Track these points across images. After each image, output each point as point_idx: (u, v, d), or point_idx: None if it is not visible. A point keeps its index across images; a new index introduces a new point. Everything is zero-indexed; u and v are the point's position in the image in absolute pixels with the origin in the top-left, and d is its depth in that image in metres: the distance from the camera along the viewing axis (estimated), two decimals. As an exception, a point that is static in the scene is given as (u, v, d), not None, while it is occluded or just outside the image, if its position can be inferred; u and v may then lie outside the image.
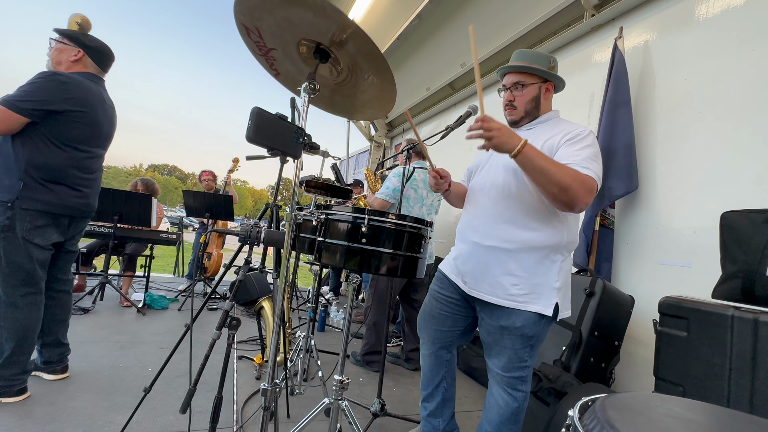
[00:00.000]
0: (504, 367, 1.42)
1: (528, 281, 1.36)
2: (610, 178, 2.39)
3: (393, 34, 4.75)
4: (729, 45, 2.10)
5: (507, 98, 1.50)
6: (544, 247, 1.36)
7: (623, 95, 2.44)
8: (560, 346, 2.02)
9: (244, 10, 1.11)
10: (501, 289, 1.39)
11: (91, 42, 2.02)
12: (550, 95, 1.51)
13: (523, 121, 1.51)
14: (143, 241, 3.95)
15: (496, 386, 1.46)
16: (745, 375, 1.31)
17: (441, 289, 1.63)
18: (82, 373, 2.21)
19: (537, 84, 1.46)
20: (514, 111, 1.49)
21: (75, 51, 1.98)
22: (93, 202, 2.14)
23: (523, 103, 1.47)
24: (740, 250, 1.48)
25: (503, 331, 1.39)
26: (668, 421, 0.71)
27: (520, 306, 1.36)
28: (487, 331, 1.46)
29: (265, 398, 1.17)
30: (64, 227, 2.02)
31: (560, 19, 3.26)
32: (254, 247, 1.54)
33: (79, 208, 2.03)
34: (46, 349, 2.10)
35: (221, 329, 1.45)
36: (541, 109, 1.49)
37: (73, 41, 1.98)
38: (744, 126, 1.97)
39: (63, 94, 1.84)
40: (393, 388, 2.65)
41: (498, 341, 1.42)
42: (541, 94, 1.48)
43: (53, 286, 2.10)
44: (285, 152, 1.18)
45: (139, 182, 4.33)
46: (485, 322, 1.46)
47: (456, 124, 1.74)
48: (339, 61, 1.25)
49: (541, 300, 1.35)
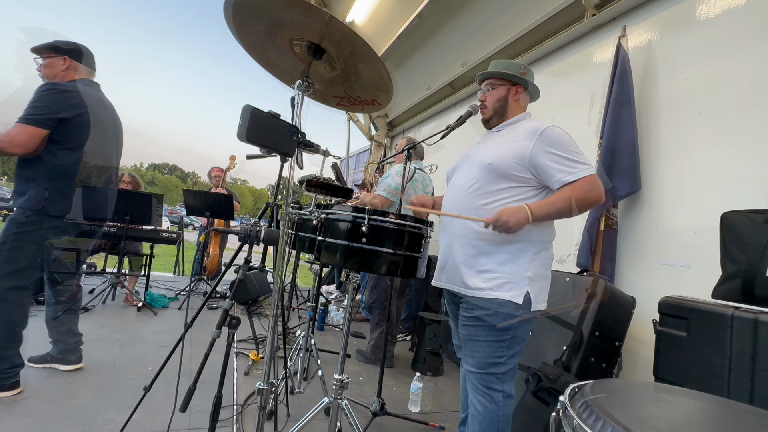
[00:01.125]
0: (479, 363, 1.42)
1: (498, 271, 1.39)
2: (614, 178, 2.38)
3: (393, 34, 4.75)
4: (730, 45, 2.09)
5: (480, 98, 1.64)
6: (513, 239, 1.39)
7: (627, 94, 2.43)
8: (561, 346, 2.02)
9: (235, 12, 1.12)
10: (474, 281, 1.42)
11: (67, 45, 2.09)
12: (519, 98, 1.60)
13: (492, 120, 1.61)
14: (143, 240, 3.96)
15: (473, 392, 1.45)
16: (745, 375, 1.31)
17: (448, 306, 1.66)
18: (83, 371, 2.22)
19: (506, 86, 1.59)
20: (484, 109, 1.62)
21: (61, 60, 2.06)
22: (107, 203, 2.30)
23: (491, 102, 1.59)
24: (740, 250, 1.48)
25: (477, 321, 1.41)
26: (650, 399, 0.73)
27: (491, 294, 1.38)
28: (464, 325, 1.47)
29: (261, 397, 1.17)
30: (80, 227, 2.17)
31: (561, 19, 3.25)
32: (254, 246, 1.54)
33: (99, 209, 2.21)
34: (62, 339, 2.18)
35: (221, 328, 1.45)
36: (510, 111, 1.59)
37: (53, 50, 2.05)
38: (744, 126, 1.97)
39: (68, 101, 1.95)
40: (393, 388, 2.65)
41: (473, 335, 1.43)
42: (509, 96, 1.59)
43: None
44: (278, 150, 1.17)
45: (125, 175, 4.24)
46: (462, 317, 1.47)
47: (456, 124, 1.74)
48: (333, 57, 1.25)
49: (512, 288, 1.38)
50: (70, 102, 1.95)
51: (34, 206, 1.92)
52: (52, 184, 1.96)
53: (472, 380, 1.45)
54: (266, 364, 1.18)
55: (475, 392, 1.44)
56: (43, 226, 1.95)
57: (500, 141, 1.51)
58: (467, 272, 1.44)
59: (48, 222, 1.96)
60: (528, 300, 1.38)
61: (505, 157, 1.43)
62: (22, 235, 1.89)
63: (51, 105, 1.90)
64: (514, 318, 1.37)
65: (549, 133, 1.39)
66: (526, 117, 1.59)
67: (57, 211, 1.98)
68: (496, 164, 1.44)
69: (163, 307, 3.84)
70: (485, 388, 1.41)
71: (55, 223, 1.99)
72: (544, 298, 1.45)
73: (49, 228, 1.97)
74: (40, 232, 1.94)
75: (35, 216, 1.92)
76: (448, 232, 1.54)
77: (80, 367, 2.21)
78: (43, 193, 1.93)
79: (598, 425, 0.65)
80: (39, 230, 1.94)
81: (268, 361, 1.18)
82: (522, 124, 1.52)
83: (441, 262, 1.58)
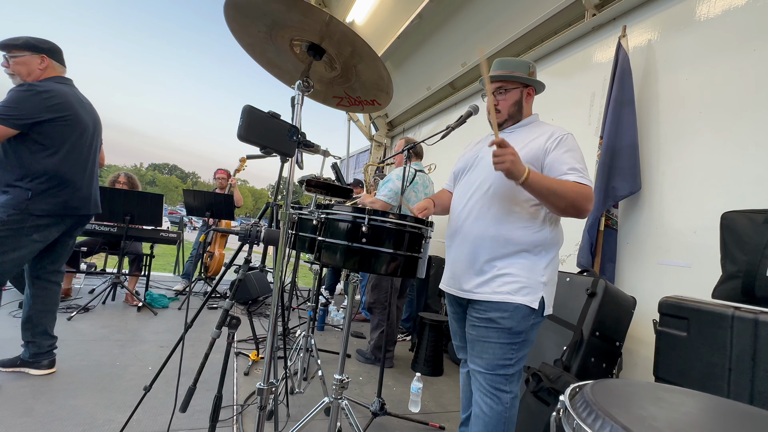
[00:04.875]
0: (488, 364, 1.40)
1: (515, 277, 1.38)
2: (614, 178, 2.38)
3: (394, 34, 4.75)
4: (730, 45, 2.09)
5: (493, 103, 1.56)
6: (530, 243, 1.40)
7: (628, 94, 2.43)
8: (561, 346, 2.02)
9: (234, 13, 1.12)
10: (490, 286, 1.40)
11: (44, 44, 2.07)
12: (531, 99, 1.58)
13: (506, 123, 1.57)
14: (144, 240, 3.96)
15: (479, 393, 1.43)
16: (745, 375, 1.31)
17: (450, 306, 1.66)
18: (83, 371, 2.22)
19: (518, 89, 1.54)
20: (498, 114, 1.55)
21: (38, 59, 2.04)
22: (96, 198, 2.25)
23: (507, 107, 1.54)
24: (740, 250, 1.48)
25: (491, 323, 1.39)
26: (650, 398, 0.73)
27: (507, 299, 1.37)
28: (474, 326, 1.44)
29: (261, 397, 1.17)
30: (66, 225, 2.11)
31: (561, 19, 3.25)
32: (254, 246, 1.54)
33: (85, 206, 2.15)
34: (35, 341, 2.11)
35: (221, 328, 1.45)
36: (524, 113, 1.57)
37: (30, 49, 2.02)
38: (744, 126, 1.97)
39: (46, 103, 1.95)
40: (393, 388, 2.65)
41: (483, 336, 1.41)
42: (523, 98, 1.55)
43: (45, 276, 2.16)
44: (278, 150, 1.17)
45: (122, 175, 4.17)
46: (473, 317, 1.46)
47: (457, 124, 1.74)
48: (333, 56, 1.25)
49: (529, 293, 1.37)
50: (48, 103, 1.95)
51: (16, 206, 1.92)
52: (34, 184, 1.95)
53: (479, 381, 1.43)
54: (266, 364, 1.18)
55: (481, 393, 1.42)
56: (26, 225, 1.94)
57: (514, 144, 1.41)
58: (483, 277, 1.42)
59: (31, 221, 1.95)
60: (542, 305, 1.38)
61: None
62: (2, 232, 1.89)
63: (26, 107, 1.90)
64: (528, 322, 1.38)
65: (569, 140, 1.41)
66: (535, 119, 1.57)
67: (41, 211, 1.97)
68: None
69: (163, 307, 3.85)
70: (493, 389, 1.40)
71: (38, 222, 1.98)
72: (552, 302, 1.46)
73: (32, 227, 1.96)
74: (23, 230, 1.94)
75: (18, 215, 1.92)
76: (461, 235, 1.51)
77: (53, 371, 2.14)
78: (26, 193, 1.93)
79: (597, 424, 0.66)
80: (21, 228, 1.93)
81: (268, 361, 1.18)
82: (534, 129, 1.50)
83: (452, 265, 1.54)
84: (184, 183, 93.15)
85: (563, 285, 2.09)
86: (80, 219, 2.19)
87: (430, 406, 2.43)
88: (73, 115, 2.07)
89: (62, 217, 2.07)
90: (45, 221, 2.00)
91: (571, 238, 2.65)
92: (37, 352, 2.10)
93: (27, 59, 2.01)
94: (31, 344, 2.10)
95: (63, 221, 2.09)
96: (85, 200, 2.16)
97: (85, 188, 2.15)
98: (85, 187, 2.15)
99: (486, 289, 1.41)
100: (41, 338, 2.12)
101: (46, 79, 2.05)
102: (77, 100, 2.13)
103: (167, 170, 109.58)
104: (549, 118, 2.58)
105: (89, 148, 2.20)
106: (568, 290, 2.08)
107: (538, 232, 1.41)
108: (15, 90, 1.92)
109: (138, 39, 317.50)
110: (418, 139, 2.87)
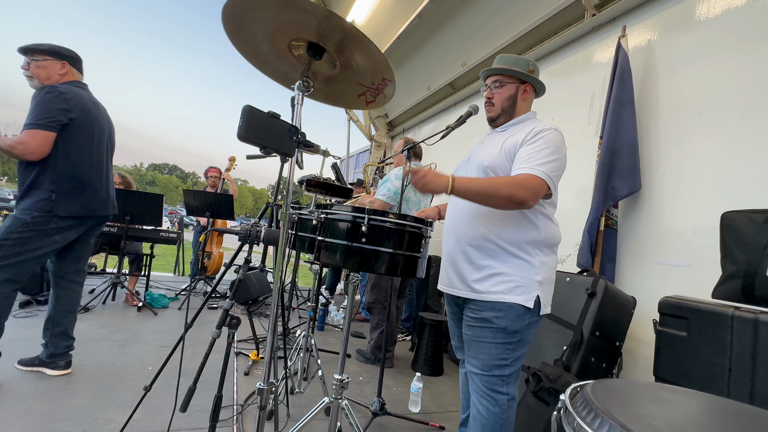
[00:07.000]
0: (484, 365, 1.39)
1: (509, 276, 1.37)
2: (614, 177, 2.38)
3: (394, 34, 4.75)
4: (730, 45, 2.09)
5: (486, 95, 1.57)
6: (523, 242, 1.39)
7: (627, 94, 2.43)
8: (561, 346, 2.02)
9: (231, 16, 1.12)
10: (483, 285, 1.40)
11: (67, 52, 2.11)
12: (527, 97, 1.55)
13: (499, 119, 1.55)
14: (144, 240, 3.96)
15: (476, 395, 1.42)
16: (745, 375, 1.31)
17: (448, 306, 1.65)
18: (83, 371, 2.22)
19: (515, 84, 1.52)
20: (492, 108, 1.54)
21: (59, 64, 2.08)
22: (113, 199, 2.31)
23: (500, 101, 1.52)
24: (740, 250, 1.48)
25: (485, 323, 1.38)
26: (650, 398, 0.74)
27: (501, 298, 1.36)
28: (470, 326, 1.44)
29: (261, 397, 1.17)
30: (86, 226, 2.16)
31: (560, 19, 3.25)
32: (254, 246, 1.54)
33: (104, 207, 2.20)
34: (54, 341, 2.14)
35: (221, 328, 1.45)
36: (518, 110, 1.54)
37: (53, 55, 2.06)
38: (744, 126, 1.97)
39: (68, 104, 1.98)
40: (393, 388, 2.65)
41: (479, 336, 1.40)
42: (518, 95, 1.52)
43: (69, 277, 2.20)
44: (278, 150, 1.17)
45: (116, 175, 4.19)
46: (468, 317, 1.45)
47: (456, 124, 1.74)
48: (333, 55, 1.25)
49: (523, 292, 1.36)
50: (68, 105, 1.99)
51: (41, 208, 1.94)
52: (58, 185, 1.98)
53: (475, 382, 1.42)
54: (266, 364, 1.18)
55: (478, 395, 1.41)
56: (49, 226, 1.97)
57: (500, 142, 1.46)
58: (476, 275, 1.41)
59: (54, 223, 1.98)
60: (538, 304, 1.37)
61: (502, 159, 1.41)
62: (25, 234, 1.91)
63: (55, 108, 1.93)
64: (524, 321, 1.36)
65: (548, 136, 1.36)
66: (531, 117, 1.53)
67: (65, 212, 2.00)
68: (492, 166, 1.42)
69: (163, 307, 3.84)
70: (489, 390, 1.39)
71: (61, 224, 2.01)
72: (549, 301, 1.45)
73: (55, 228, 1.99)
74: (45, 232, 1.96)
75: (42, 217, 1.94)
76: (454, 234, 1.50)
77: (68, 372, 2.16)
78: (51, 195, 1.96)
79: (596, 423, 0.66)
80: (44, 230, 1.96)
81: (268, 361, 1.18)
82: (526, 125, 1.46)
83: (447, 265, 1.54)
84: (184, 183, 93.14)
85: (563, 285, 2.09)
86: (99, 219, 2.22)
87: (430, 406, 2.43)
88: (91, 118, 2.11)
89: (83, 218, 2.10)
90: (67, 223, 2.03)
91: (571, 238, 2.65)
92: (53, 353, 2.14)
93: (49, 64, 2.05)
94: (50, 344, 2.14)
95: (83, 223, 2.12)
96: (104, 202, 2.20)
97: (103, 190, 2.20)
98: (103, 188, 2.20)
99: (480, 288, 1.40)
100: (59, 339, 2.16)
101: (65, 83, 2.08)
102: (92, 103, 2.17)
103: (167, 170, 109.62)
104: (549, 118, 2.58)
105: (105, 150, 2.25)
106: (568, 290, 2.08)
107: (531, 231, 1.40)
108: (39, 95, 1.94)
109: (138, 39, 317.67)
110: (417, 139, 2.87)
